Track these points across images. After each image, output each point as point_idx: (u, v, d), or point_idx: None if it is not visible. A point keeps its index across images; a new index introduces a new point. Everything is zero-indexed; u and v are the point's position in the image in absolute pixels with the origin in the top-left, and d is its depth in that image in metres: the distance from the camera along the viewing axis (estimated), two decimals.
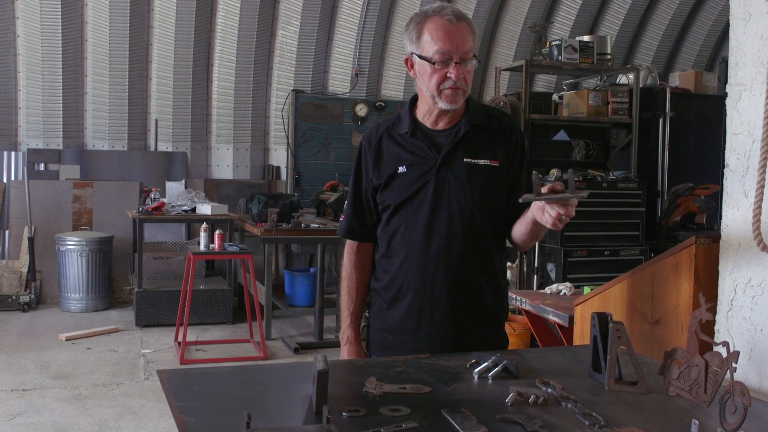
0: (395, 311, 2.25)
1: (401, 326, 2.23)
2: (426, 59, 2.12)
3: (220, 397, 1.65)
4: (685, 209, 6.93)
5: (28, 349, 6.05)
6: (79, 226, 8.09)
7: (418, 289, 2.20)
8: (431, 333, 2.20)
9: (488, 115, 2.29)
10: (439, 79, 2.12)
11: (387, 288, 2.26)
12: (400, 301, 2.24)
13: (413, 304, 2.21)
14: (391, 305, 2.26)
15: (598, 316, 1.81)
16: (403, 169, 2.20)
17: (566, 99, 7.68)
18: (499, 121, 2.29)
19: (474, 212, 2.18)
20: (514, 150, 2.26)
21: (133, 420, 4.51)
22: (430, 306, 2.20)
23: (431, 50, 2.11)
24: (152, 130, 8.68)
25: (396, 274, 2.23)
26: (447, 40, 2.09)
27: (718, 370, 1.59)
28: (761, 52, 2.21)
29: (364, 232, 2.35)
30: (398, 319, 2.24)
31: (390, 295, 2.26)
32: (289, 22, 8.88)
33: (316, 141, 9.01)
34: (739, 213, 2.29)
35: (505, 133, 2.26)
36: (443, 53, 2.09)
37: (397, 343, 2.23)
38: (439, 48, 2.09)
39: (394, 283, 2.24)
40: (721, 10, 9.92)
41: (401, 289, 2.23)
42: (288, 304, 7.52)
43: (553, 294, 3.96)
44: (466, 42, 2.11)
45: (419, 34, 2.14)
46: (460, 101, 2.16)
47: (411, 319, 2.22)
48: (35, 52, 8.15)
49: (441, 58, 2.10)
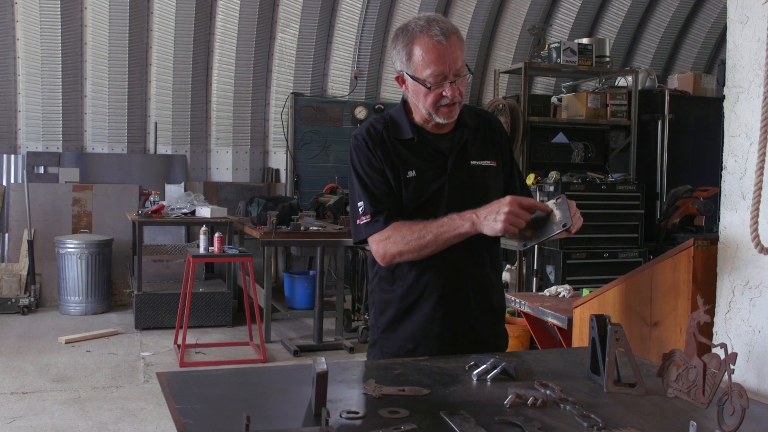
0: (416, 318, 2.20)
1: (424, 332, 2.19)
2: (420, 81, 2.10)
3: (220, 399, 1.65)
4: (684, 211, 6.93)
5: (27, 352, 6.04)
6: (78, 229, 8.09)
7: (442, 294, 2.18)
8: (456, 335, 2.20)
9: (479, 116, 2.32)
10: (434, 99, 2.12)
11: (404, 296, 2.21)
12: (422, 307, 2.19)
13: (437, 310, 2.18)
14: (410, 312, 2.21)
15: (597, 319, 1.81)
16: (413, 173, 2.18)
17: (565, 101, 7.69)
18: (488, 122, 2.33)
19: None
20: (506, 149, 2.33)
21: (132, 423, 4.51)
22: (453, 308, 2.19)
23: (424, 73, 2.09)
24: (152, 133, 8.68)
25: (416, 281, 2.18)
26: (439, 62, 2.07)
27: (716, 372, 1.59)
28: (758, 55, 2.22)
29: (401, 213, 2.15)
30: (421, 326, 2.19)
31: (408, 303, 2.20)
32: (289, 24, 8.89)
33: (316, 144, 9.02)
34: (737, 215, 2.29)
35: (495, 133, 2.32)
36: (437, 75, 2.08)
37: (422, 349, 2.18)
38: (433, 71, 2.08)
39: (413, 290, 2.19)
40: (719, 12, 9.93)
41: (423, 295, 2.19)
42: (287, 306, 7.52)
43: (552, 296, 3.96)
44: (458, 59, 2.09)
45: (409, 54, 2.11)
46: (456, 115, 2.18)
47: (435, 324, 2.18)
48: (35, 55, 8.15)
49: (435, 81, 2.09)
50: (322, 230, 6.88)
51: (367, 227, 2.14)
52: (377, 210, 2.13)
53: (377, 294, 2.29)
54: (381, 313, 2.27)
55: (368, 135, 2.22)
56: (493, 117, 2.44)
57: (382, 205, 2.14)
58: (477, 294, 2.22)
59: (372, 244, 2.16)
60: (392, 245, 2.10)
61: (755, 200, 2.02)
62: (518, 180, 2.35)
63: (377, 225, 2.12)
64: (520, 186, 2.33)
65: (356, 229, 2.19)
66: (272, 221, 6.65)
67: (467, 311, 2.21)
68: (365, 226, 2.15)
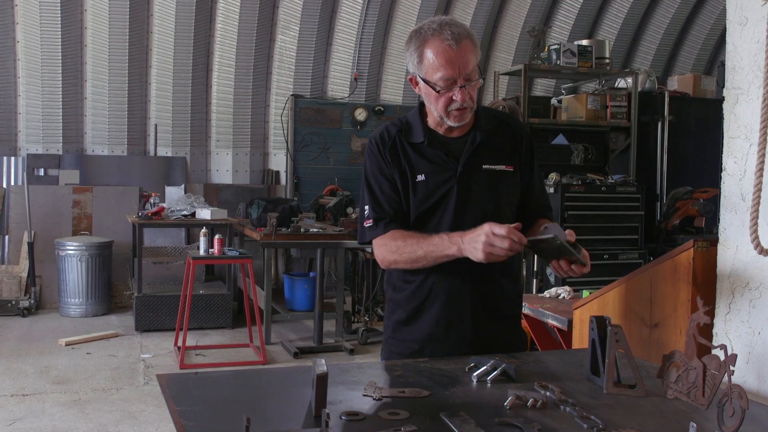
0: (423, 320, 2.22)
1: (430, 334, 2.21)
2: (430, 84, 2.11)
3: (220, 401, 1.65)
4: (684, 213, 6.93)
5: (27, 354, 6.04)
6: (78, 231, 8.09)
7: (448, 297, 2.19)
8: (461, 338, 2.20)
9: (498, 120, 2.30)
10: (445, 102, 2.12)
11: (411, 298, 2.23)
12: (428, 309, 2.21)
13: (443, 312, 2.19)
14: (417, 314, 2.23)
15: (597, 320, 1.81)
16: (422, 177, 2.18)
17: (565, 103, 7.69)
18: (509, 126, 2.30)
19: (496, 217, 2.14)
20: (526, 154, 2.29)
21: (132, 425, 4.51)
22: (460, 312, 2.19)
23: (434, 77, 2.09)
24: (152, 135, 8.69)
25: (423, 283, 2.20)
26: (449, 67, 2.07)
27: (716, 373, 1.59)
28: (758, 57, 2.22)
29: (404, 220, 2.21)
30: (427, 328, 2.21)
31: (414, 305, 2.23)
32: (289, 26, 8.89)
33: (316, 145, 9.02)
34: (737, 216, 2.30)
35: (515, 137, 2.28)
36: (447, 79, 2.08)
37: (427, 351, 2.20)
38: (443, 75, 2.08)
39: (420, 292, 2.21)
40: (719, 14, 9.94)
41: (429, 297, 2.20)
42: (287, 308, 7.51)
43: (552, 298, 3.96)
44: (469, 63, 2.08)
45: (420, 57, 2.11)
46: (467, 119, 2.18)
47: (441, 326, 2.20)
48: (35, 58, 8.16)
49: (445, 84, 2.09)
50: (322, 232, 6.88)
51: (369, 231, 2.22)
52: (379, 216, 2.20)
53: (389, 293, 2.33)
54: (392, 313, 2.30)
55: (380, 139, 2.25)
56: (515, 120, 2.41)
57: (384, 211, 2.19)
58: (485, 300, 2.21)
59: (374, 247, 2.24)
60: (388, 253, 2.19)
61: (755, 202, 2.02)
62: (537, 186, 2.30)
63: (377, 230, 2.20)
64: (538, 192, 2.30)
65: (361, 230, 2.27)
66: (272, 223, 6.65)
67: (474, 317, 2.20)
68: (368, 230, 2.23)
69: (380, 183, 2.21)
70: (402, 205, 2.20)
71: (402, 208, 2.20)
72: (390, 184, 2.20)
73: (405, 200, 2.20)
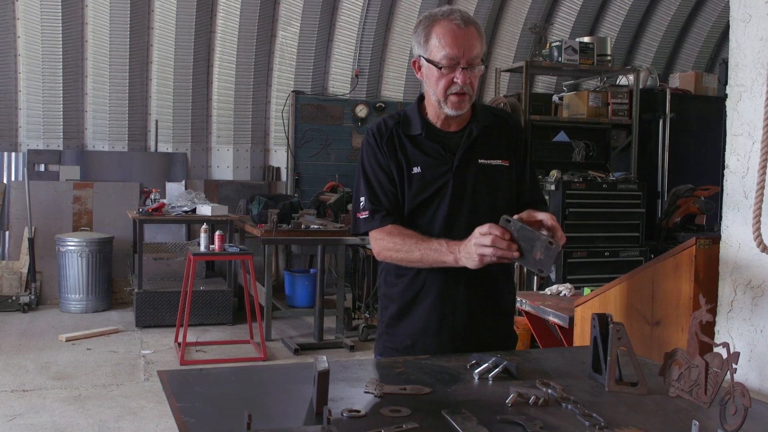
0: (416, 314, 2.22)
1: (423, 329, 2.21)
2: (433, 63, 2.12)
3: (221, 397, 1.65)
4: (686, 210, 6.93)
5: (28, 350, 6.05)
6: (79, 227, 8.09)
7: (441, 291, 2.19)
8: (454, 333, 2.20)
9: (494, 116, 2.32)
10: (446, 84, 2.13)
11: (404, 291, 2.23)
12: (421, 303, 2.21)
13: (435, 306, 2.19)
14: (410, 308, 2.23)
15: (599, 317, 1.81)
16: (418, 170, 2.19)
17: (566, 100, 7.68)
18: (505, 122, 2.32)
19: (491, 212, 2.16)
20: (520, 149, 2.30)
21: (133, 421, 4.51)
22: (452, 307, 2.19)
23: (439, 55, 2.11)
24: (152, 131, 8.68)
25: (415, 277, 2.21)
26: (455, 45, 2.09)
27: (718, 371, 1.59)
28: (761, 54, 2.21)
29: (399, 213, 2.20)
30: (420, 322, 2.22)
31: (407, 299, 2.23)
32: (289, 23, 8.88)
33: (316, 142, 9.02)
34: (740, 214, 2.29)
35: (511, 133, 2.30)
36: (451, 58, 2.10)
37: (419, 346, 2.20)
38: (447, 53, 2.10)
39: (413, 285, 2.22)
40: (721, 11, 9.93)
41: (422, 291, 2.21)
42: (288, 305, 7.51)
43: (553, 295, 3.95)
44: (474, 47, 2.11)
45: (427, 37, 2.14)
46: (465, 107, 2.18)
47: (433, 320, 2.20)
48: (35, 53, 8.15)
49: (448, 63, 2.10)
50: (322, 228, 6.88)
51: (365, 223, 2.22)
52: (375, 208, 2.20)
53: (383, 288, 2.32)
54: (385, 308, 2.31)
55: (378, 130, 2.26)
56: (512, 117, 2.42)
57: (380, 203, 2.20)
58: (479, 294, 2.21)
59: (371, 239, 2.24)
60: (384, 249, 2.19)
61: (757, 199, 2.01)
62: (529, 180, 2.30)
63: (373, 223, 2.20)
64: (530, 186, 2.30)
65: (355, 221, 2.27)
66: (273, 219, 6.65)
67: (468, 311, 2.20)
68: (363, 222, 2.22)
69: (377, 174, 2.21)
70: (398, 198, 2.20)
71: (398, 201, 2.20)
72: (387, 175, 2.21)
73: (400, 192, 2.20)
